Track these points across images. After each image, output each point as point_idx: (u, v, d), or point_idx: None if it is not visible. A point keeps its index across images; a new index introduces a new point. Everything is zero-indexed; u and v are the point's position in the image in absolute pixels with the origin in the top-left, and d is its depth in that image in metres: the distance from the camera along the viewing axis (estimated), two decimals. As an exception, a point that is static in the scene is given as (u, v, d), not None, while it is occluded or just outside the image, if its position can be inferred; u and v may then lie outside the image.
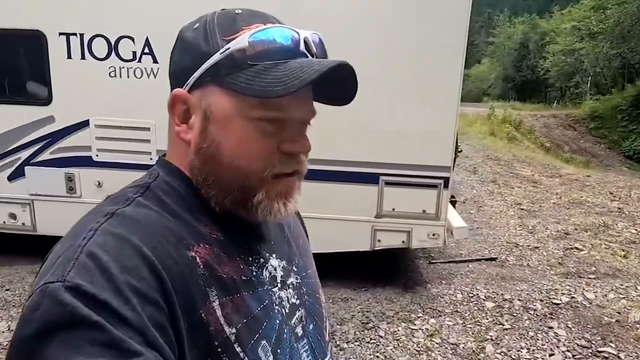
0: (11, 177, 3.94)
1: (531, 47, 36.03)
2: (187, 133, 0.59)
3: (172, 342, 0.49)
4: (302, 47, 0.57)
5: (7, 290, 3.59)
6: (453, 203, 4.91)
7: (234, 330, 0.55)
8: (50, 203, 3.92)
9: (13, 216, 4.01)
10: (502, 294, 3.92)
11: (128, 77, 3.65)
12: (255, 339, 0.57)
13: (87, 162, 3.83)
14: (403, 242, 3.78)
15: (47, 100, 3.76)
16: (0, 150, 3.89)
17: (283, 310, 0.63)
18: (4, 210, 4.01)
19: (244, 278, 0.59)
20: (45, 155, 3.87)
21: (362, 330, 3.24)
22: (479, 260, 4.82)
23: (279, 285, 0.65)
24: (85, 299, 0.44)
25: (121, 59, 3.62)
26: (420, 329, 3.31)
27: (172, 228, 0.56)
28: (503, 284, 4.15)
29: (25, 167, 3.90)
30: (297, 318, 0.66)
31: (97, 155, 3.81)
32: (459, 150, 4.86)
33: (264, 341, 0.58)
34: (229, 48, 0.55)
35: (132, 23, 3.56)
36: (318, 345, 0.69)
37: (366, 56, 3.49)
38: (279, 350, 0.60)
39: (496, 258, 4.88)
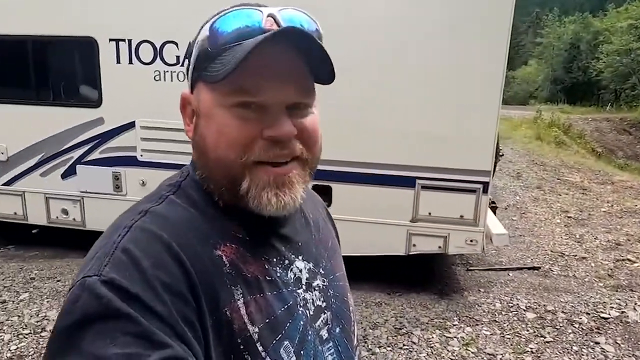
0: (64, 175, 4.19)
1: (583, 48, 34.28)
2: (190, 132, 0.62)
3: (199, 337, 0.50)
4: (264, 24, 0.55)
5: (58, 281, 3.81)
6: (493, 209, 4.76)
7: (256, 330, 0.55)
8: (99, 200, 4.14)
9: (65, 212, 4.26)
10: (544, 305, 3.75)
11: (172, 80, 3.80)
12: (277, 339, 0.57)
13: (132, 161, 4.01)
14: (439, 247, 3.70)
15: (97, 103, 3.98)
16: (55, 150, 4.15)
17: (307, 312, 0.63)
18: (57, 206, 4.27)
19: (268, 278, 0.60)
20: (95, 155, 4.09)
21: (395, 336, 3.19)
22: (521, 269, 4.63)
23: (304, 287, 0.64)
24: (119, 292, 0.47)
25: (165, 63, 3.78)
26: (455, 337, 3.22)
27: (200, 226, 0.57)
28: (546, 295, 3.97)
29: (77, 166, 4.14)
30: (322, 321, 0.65)
31: (141, 156, 3.99)
32: (500, 154, 4.69)
33: (287, 342, 0.58)
34: (198, 41, 0.57)
35: (175, 28, 3.69)
36: (345, 349, 0.68)
37: (404, 58, 3.46)
38: (302, 352, 0.59)
39: (539, 267, 4.67)
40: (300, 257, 0.66)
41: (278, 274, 0.61)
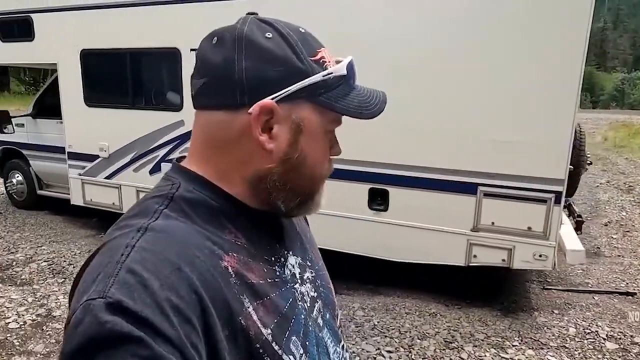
0: (151, 171, 4.71)
1: None
2: (269, 142, 0.60)
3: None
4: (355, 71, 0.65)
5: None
6: (579, 223, 4.27)
7: (269, 331, 0.58)
8: (178, 195, 4.56)
9: (151, 204, 4.77)
10: (631, 336, 3.27)
11: (241, 85, 4.06)
12: (286, 335, 0.60)
13: (206, 160, 4.36)
14: (503, 260, 3.42)
15: (179, 107, 4.41)
16: (145, 149, 4.68)
17: (305, 305, 0.67)
18: (146, 198, 4.80)
19: (269, 280, 0.62)
20: (176, 154, 4.52)
21: (443, 349, 3.03)
22: (611, 293, 4.08)
23: (299, 281, 0.68)
24: (126, 315, 0.45)
25: (236, 70, 4.05)
26: (512, 359, 2.96)
27: (203, 240, 0.57)
28: (636, 325, 3.45)
29: (162, 164, 4.62)
30: (317, 310, 0.70)
31: (214, 155, 4.31)
32: (588, 162, 4.19)
33: (294, 337, 0.61)
34: (331, 73, 0.60)
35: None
36: (334, 332, 0.72)
37: (467, 57, 3.30)
38: (307, 343, 0.63)
39: (635, 293, 4.07)
40: (290, 253, 0.69)
41: (277, 273, 0.64)
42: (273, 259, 0.65)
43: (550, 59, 3.08)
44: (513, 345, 3.11)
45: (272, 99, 0.57)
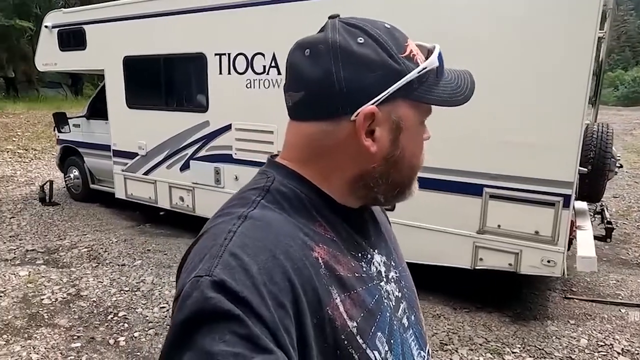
0: (182, 168, 5.04)
1: None
2: (373, 145, 0.61)
3: (294, 347, 0.52)
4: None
5: (165, 254, 4.61)
6: (609, 230, 4.02)
7: (355, 324, 0.59)
8: (204, 191, 4.87)
9: (181, 199, 5.12)
10: (650, 352, 3.04)
11: (259, 87, 4.25)
12: (372, 331, 0.61)
13: (228, 159, 4.61)
14: (510, 265, 3.32)
15: (205, 108, 4.70)
16: (176, 147, 5.03)
17: (390, 304, 0.67)
18: (177, 193, 5.16)
19: (356, 275, 0.63)
20: (203, 152, 4.82)
21: (436, 350, 3.00)
22: (641, 306, 3.79)
23: (384, 279, 0.69)
24: (229, 294, 0.49)
25: (255, 73, 4.25)
26: (508, 365, 2.87)
27: (296, 231, 0.59)
28: (659, 340, 3.20)
29: (190, 161, 4.94)
30: (402, 310, 0.70)
31: (235, 154, 4.56)
32: (618, 165, 3.90)
33: (379, 333, 0.62)
34: (425, 68, 0.60)
35: (262, 41, 4.14)
36: (420, 335, 0.73)
37: (472, 54, 3.23)
38: (392, 341, 0.64)
39: (670, 308, 3.74)
40: (376, 251, 0.70)
41: (364, 269, 0.65)
42: (360, 254, 0.66)
43: (558, 58, 2.95)
44: (512, 352, 3.01)
45: (373, 103, 0.59)
